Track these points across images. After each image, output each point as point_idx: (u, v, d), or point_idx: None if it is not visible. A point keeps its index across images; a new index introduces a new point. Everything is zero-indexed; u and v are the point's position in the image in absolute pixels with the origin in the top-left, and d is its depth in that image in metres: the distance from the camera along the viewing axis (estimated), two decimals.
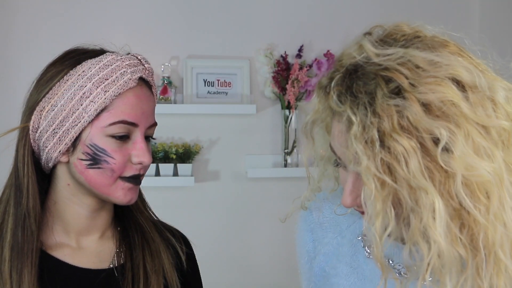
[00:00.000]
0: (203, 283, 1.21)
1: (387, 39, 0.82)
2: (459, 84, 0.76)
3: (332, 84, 0.81)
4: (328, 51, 2.80)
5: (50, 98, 1.00)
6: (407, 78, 0.75)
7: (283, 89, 2.77)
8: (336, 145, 0.83)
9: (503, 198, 0.76)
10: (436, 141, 0.74)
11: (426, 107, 0.74)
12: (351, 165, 0.79)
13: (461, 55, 0.80)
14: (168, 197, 2.75)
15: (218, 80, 2.79)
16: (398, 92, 0.75)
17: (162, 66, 2.70)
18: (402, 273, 0.91)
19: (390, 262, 0.92)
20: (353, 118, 0.77)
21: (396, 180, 0.75)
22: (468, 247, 0.76)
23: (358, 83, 0.78)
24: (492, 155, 0.75)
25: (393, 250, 0.92)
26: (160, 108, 1.93)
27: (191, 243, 1.19)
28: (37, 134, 1.02)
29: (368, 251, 0.97)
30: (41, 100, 1.00)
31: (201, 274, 1.20)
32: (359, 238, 0.99)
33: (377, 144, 0.75)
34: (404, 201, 0.76)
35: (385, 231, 0.78)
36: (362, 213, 0.84)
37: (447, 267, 0.76)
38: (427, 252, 0.76)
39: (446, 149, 0.74)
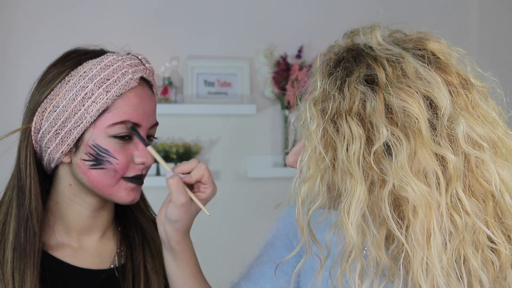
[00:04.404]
0: None
1: (398, 42, 0.81)
2: (432, 105, 0.75)
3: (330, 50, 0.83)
4: None
5: (52, 99, 1.00)
6: (386, 75, 0.76)
7: (283, 89, 2.78)
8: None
9: (429, 225, 0.73)
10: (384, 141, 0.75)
11: (388, 108, 0.75)
12: (301, 127, 0.82)
13: (454, 85, 0.78)
14: None
15: (218, 80, 2.79)
16: (371, 82, 0.76)
17: (163, 67, 2.70)
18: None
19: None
20: (319, 84, 0.79)
21: (334, 159, 0.77)
22: (392, 261, 0.75)
23: (348, 58, 0.80)
24: (437, 182, 0.74)
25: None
26: (160, 108, 1.91)
27: None
28: (39, 135, 1.02)
29: None
30: (42, 101, 1.00)
31: None
32: None
33: (329, 117, 0.77)
34: (337, 184, 0.77)
35: (314, 202, 0.79)
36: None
37: (370, 268, 0.76)
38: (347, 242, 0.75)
39: (389, 153, 0.74)
